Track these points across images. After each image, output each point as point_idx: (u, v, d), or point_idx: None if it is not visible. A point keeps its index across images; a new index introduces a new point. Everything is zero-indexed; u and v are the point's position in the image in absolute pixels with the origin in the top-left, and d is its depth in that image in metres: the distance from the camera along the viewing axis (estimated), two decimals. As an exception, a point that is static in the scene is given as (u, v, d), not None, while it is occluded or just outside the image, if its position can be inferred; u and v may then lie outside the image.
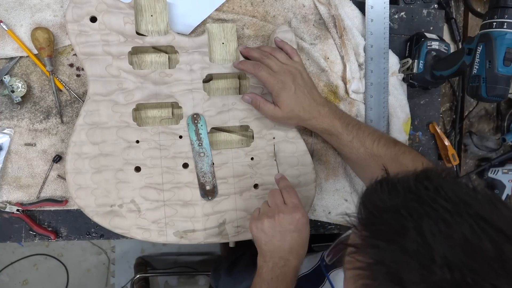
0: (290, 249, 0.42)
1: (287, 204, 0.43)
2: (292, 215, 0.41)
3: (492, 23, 0.43)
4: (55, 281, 1.15)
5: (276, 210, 0.42)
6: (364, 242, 0.25)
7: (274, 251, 0.42)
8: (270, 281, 0.42)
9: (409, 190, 0.25)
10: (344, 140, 0.47)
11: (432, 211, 0.23)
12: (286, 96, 0.45)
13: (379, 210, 0.25)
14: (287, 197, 0.43)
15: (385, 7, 0.53)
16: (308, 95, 0.46)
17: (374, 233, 0.24)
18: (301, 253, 0.43)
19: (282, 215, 0.41)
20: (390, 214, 0.24)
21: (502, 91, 0.43)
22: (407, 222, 0.23)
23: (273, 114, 0.46)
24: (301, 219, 0.42)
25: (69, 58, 0.49)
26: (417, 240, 0.22)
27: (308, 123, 0.47)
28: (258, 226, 0.42)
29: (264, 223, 0.42)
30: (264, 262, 0.42)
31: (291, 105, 0.45)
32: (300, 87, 0.46)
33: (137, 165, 0.47)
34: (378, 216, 0.25)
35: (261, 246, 0.43)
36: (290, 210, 0.42)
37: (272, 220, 0.41)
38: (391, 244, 0.23)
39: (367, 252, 0.24)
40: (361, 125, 0.48)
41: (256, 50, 0.48)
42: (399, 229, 0.23)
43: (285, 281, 0.42)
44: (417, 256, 0.22)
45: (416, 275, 0.22)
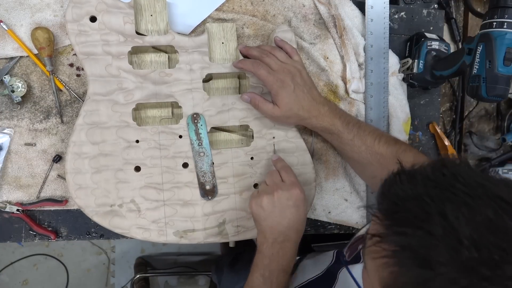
0: (288, 224, 0.42)
1: (285, 182, 0.44)
2: (290, 191, 0.42)
3: (492, 23, 0.43)
4: (55, 281, 1.15)
5: (275, 187, 0.43)
6: (389, 230, 0.25)
7: (274, 227, 0.43)
8: (271, 256, 0.42)
9: (428, 179, 0.25)
10: (345, 138, 0.47)
11: (453, 196, 0.24)
12: (285, 95, 0.45)
13: (401, 199, 0.25)
14: (285, 176, 0.44)
15: (385, 7, 0.53)
16: (307, 94, 0.46)
17: (398, 221, 0.25)
18: (299, 229, 0.43)
19: (280, 191, 0.42)
20: (413, 202, 0.24)
21: (502, 91, 0.43)
22: (430, 208, 0.24)
23: (272, 113, 0.46)
24: (299, 194, 0.43)
25: (69, 58, 0.49)
26: (442, 224, 0.23)
27: (307, 122, 0.47)
28: (258, 202, 0.43)
29: (263, 199, 0.43)
30: (264, 239, 0.43)
31: (290, 104, 0.45)
32: (300, 86, 0.46)
33: (137, 165, 0.47)
34: (401, 204, 0.25)
35: (261, 223, 0.43)
36: (288, 187, 0.43)
37: (270, 196, 0.42)
38: (417, 229, 0.23)
39: (392, 240, 0.25)
40: (361, 124, 0.48)
41: (256, 49, 0.48)
42: (423, 215, 0.24)
43: (285, 255, 0.42)
44: (444, 239, 0.22)
45: (444, 256, 0.22)
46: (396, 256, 0.24)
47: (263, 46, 0.48)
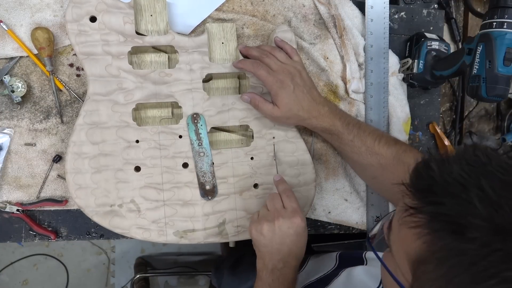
0: (289, 252, 0.42)
1: (286, 209, 0.43)
2: (291, 220, 0.42)
3: (492, 23, 0.43)
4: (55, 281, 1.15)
5: (276, 214, 0.42)
6: (424, 201, 0.25)
7: (273, 254, 0.42)
8: (271, 283, 0.42)
9: (463, 158, 0.26)
10: (345, 139, 0.47)
11: (488, 173, 0.25)
12: (285, 96, 0.45)
13: (437, 175, 0.25)
14: (286, 201, 0.43)
15: (385, 7, 0.53)
16: (307, 94, 0.46)
17: (434, 193, 0.25)
18: (299, 255, 0.43)
19: (282, 219, 0.42)
20: (449, 176, 0.25)
21: (502, 91, 0.43)
22: (466, 181, 0.24)
23: (271, 114, 0.46)
24: (300, 223, 0.42)
25: (69, 58, 0.49)
26: (478, 194, 0.23)
27: (307, 123, 0.47)
28: (258, 229, 0.42)
29: (264, 226, 0.42)
30: (264, 265, 0.43)
31: (289, 105, 0.45)
32: (299, 86, 0.45)
33: (137, 165, 0.47)
34: (437, 179, 0.25)
35: (260, 249, 0.43)
36: (289, 215, 0.42)
37: (271, 224, 0.42)
38: (453, 198, 0.24)
39: (427, 210, 0.25)
40: (361, 124, 0.48)
41: (256, 49, 0.48)
42: (460, 187, 0.24)
43: (286, 281, 0.42)
44: (480, 205, 0.23)
45: (479, 221, 0.22)
46: (430, 225, 0.24)
47: (263, 46, 0.48)
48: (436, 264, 0.24)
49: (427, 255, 0.24)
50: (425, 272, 0.25)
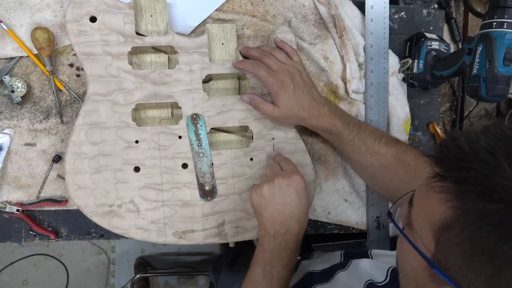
0: (290, 213, 0.41)
1: (284, 170, 0.43)
2: (290, 178, 0.42)
3: (492, 23, 0.43)
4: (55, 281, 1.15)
5: (275, 175, 0.42)
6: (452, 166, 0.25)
7: (275, 217, 0.41)
8: (272, 250, 0.41)
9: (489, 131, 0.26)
10: (345, 139, 0.47)
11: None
12: (285, 96, 0.45)
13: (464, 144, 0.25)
14: (284, 165, 0.44)
15: (385, 7, 0.53)
16: (307, 94, 0.46)
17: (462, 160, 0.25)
18: (302, 218, 0.42)
19: (281, 178, 0.42)
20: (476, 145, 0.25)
21: (502, 91, 0.43)
22: (494, 149, 0.24)
23: (271, 114, 0.46)
24: (299, 180, 0.42)
25: (69, 58, 0.49)
26: (507, 159, 0.23)
27: (308, 123, 0.47)
28: (258, 192, 0.42)
29: (263, 188, 0.42)
30: (265, 231, 0.42)
31: (290, 105, 0.45)
32: (299, 86, 0.45)
33: (136, 165, 0.47)
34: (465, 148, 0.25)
35: (262, 213, 0.42)
36: (288, 174, 0.42)
37: (271, 183, 0.42)
38: (482, 163, 0.24)
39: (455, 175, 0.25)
40: (362, 124, 0.48)
41: (256, 49, 0.48)
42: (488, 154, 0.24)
43: (288, 248, 0.41)
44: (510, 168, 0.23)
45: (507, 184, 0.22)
46: (458, 189, 0.24)
47: (263, 47, 0.48)
48: (462, 227, 0.24)
49: (453, 219, 0.24)
50: (449, 238, 0.25)
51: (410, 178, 0.46)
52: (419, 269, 0.27)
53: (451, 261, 0.25)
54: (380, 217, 0.55)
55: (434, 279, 0.26)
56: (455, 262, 0.24)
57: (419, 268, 0.27)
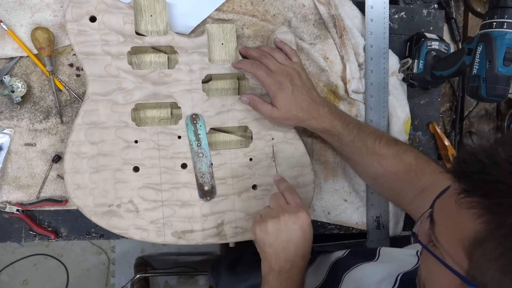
0: (296, 250, 0.41)
1: (290, 204, 0.42)
2: (296, 215, 0.40)
3: (492, 23, 0.43)
4: (55, 281, 1.16)
5: (280, 211, 0.41)
6: (478, 181, 0.25)
7: (279, 254, 0.40)
8: (279, 287, 0.40)
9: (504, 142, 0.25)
10: (345, 140, 0.47)
11: None
12: (283, 97, 0.44)
13: (484, 158, 0.25)
14: (290, 198, 0.42)
15: (385, 7, 0.53)
16: (306, 95, 0.46)
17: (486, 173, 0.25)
18: (306, 254, 0.42)
19: (287, 214, 0.40)
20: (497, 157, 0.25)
21: (502, 91, 0.43)
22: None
23: (270, 115, 0.46)
24: (306, 218, 0.41)
25: (69, 58, 0.49)
26: None
27: (307, 124, 0.47)
28: (262, 228, 0.41)
29: (268, 224, 0.40)
30: (270, 268, 0.41)
31: (288, 106, 0.45)
32: (298, 87, 0.45)
33: (135, 165, 0.47)
34: (487, 161, 0.25)
35: (265, 250, 0.41)
36: (294, 210, 0.41)
37: (276, 220, 0.40)
38: (509, 175, 0.23)
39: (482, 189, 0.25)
40: (361, 125, 0.48)
41: (255, 49, 0.48)
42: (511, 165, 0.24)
43: (294, 283, 0.40)
44: None
45: None
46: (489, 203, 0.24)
47: (262, 47, 0.48)
48: (498, 242, 0.24)
49: (486, 234, 0.24)
50: (484, 253, 0.24)
51: (411, 178, 0.46)
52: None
53: (488, 277, 0.24)
54: (380, 217, 0.55)
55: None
56: (492, 277, 0.24)
57: (450, 286, 0.27)
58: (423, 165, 0.46)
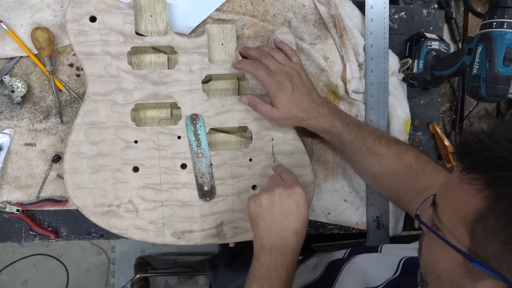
0: (289, 225, 0.40)
1: (285, 181, 0.42)
2: (290, 189, 0.40)
3: (492, 23, 0.43)
4: (55, 281, 1.16)
5: (275, 186, 0.41)
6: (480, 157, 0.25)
7: (272, 228, 0.40)
8: (269, 265, 0.39)
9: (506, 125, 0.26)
10: (346, 139, 0.47)
11: None
12: (283, 97, 0.44)
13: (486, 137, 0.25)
14: (286, 176, 0.43)
15: (384, 7, 0.53)
16: (306, 95, 0.46)
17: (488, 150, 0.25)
18: (300, 232, 0.40)
19: (281, 188, 0.41)
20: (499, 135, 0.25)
21: (502, 91, 0.43)
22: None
23: (270, 115, 0.46)
24: (301, 193, 0.41)
25: (69, 58, 0.50)
26: None
27: (307, 124, 0.47)
28: (256, 201, 0.41)
29: (262, 197, 0.41)
30: (261, 245, 0.40)
31: (288, 106, 0.45)
32: (298, 87, 0.45)
33: (135, 165, 0.47)
34: (488, 140, 0.25)
35: (258, 223, 0.41)
36: (289, 185, 0.41)
37: (270, 192, 0.40)
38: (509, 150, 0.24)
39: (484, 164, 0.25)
40: (361, 125, 0.48)
41: (255, 49, 0.48)
42: None
43: (285, 264, 0.39)
44: None
45: None
46: (490, 178, 0.24)
47: (262, 47, 0.48)
48: (498, 215, 0.24)
49: (487, 209, 0.24)
50: (485, 228, 0.24)
51: (411, 178, 0.46)
52: (454, 267, 0.27)
53: (490, 251, 0.24)
54: (380, 217, 0.55)
55: (472, 275, 0.26)
56: (494, 251, 0.24)
57: (453, 266, 0.27)
58: (424, 165, 0.46)
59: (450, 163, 0.58)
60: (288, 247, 0.40)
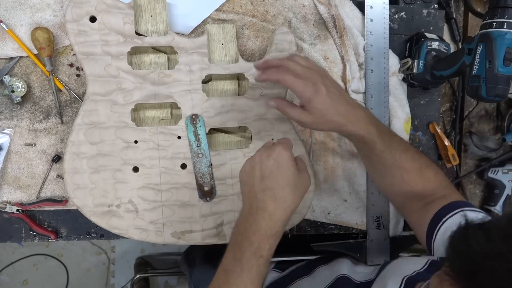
0: (266, 186, 0.36)
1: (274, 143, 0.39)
2: (271, 148, 0.38)
3: (492, 23, 0.43)
4: (55, 281, 1.16)
5: (258, 150, 0.39)
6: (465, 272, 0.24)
7: (251, 192, 0.37)
8: (243, 232, 0.36)
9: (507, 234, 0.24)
10: (377, 150, 0.43)
11: None
12: (318, 100, 0.40)
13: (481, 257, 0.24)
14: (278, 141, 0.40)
15: (384, 7, 0.53)
16: (341, 97, 0.41)
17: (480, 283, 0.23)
18: (279, 196, 0.36)
19: (263, 149, 0.38)
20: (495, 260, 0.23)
21: (502, 91, 0.43)
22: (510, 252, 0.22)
23: (300, 119, 0.41)
24: (281, 152, 0.37)
25: (69, 58, 0.50)
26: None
27: (343, 129, 0.42)
28: (241, 169, 0.39)
29: (246, 163, 0.39)
30: (242, 210, 0.38)
31: (323, 110, 0.40)
32: (330, 88, 0.41)
33: (135, 165, 0.47)
34: (481, 263, 0.23)
35: (242, 189, 0.39)
36: (270, 146, 0.38)
37: (252, 157, 0.38)
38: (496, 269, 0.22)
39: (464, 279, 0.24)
40: (392, 134, 0.45)
41: (274, 60, 0.44)
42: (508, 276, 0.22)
43: (258, 230, 0.35)
44: None
45: None
46: None
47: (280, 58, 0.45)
48: None
49: None
50: None
51: (425, 194, 0.45)
52: None
53: None
54: (380, 217, 0.55)
55: None
56: None
57: None
58: (441, 182, 0.45)
59: (450, 163, 0.58)
60: (262, 212, 0.36)
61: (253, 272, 0.35)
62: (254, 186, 0.37)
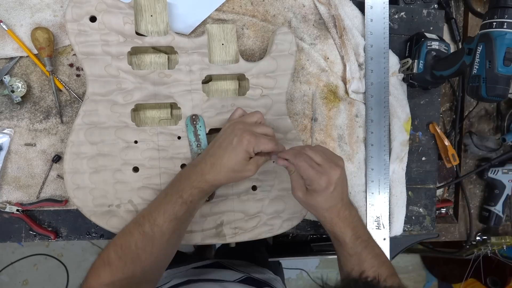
0: (215, 153, 0.42)
1: None
2: (241, 128, 0.42)
3: (492, 23, 0.43)
4: (55, 281, 1.16)
5: None
6: None
7: (208, 149, 0.43)
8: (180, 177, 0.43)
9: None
10: (346, 252, 0.43)
11: None
12: (322, 195, 0.41)
13: None
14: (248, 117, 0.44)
15: (384, 7, 0.53)
16: (340, 195, 0.42)
17: None
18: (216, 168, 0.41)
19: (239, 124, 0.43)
20: None
21: (502, 91, 0.43)
22: None
23: (296, 197, 0.43)
24: (243, 137, 0.41)
25: (69, 58, 0.50)
26: None
27: (321, 220, 0.43)
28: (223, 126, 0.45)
29: (226, 125, 0.44)
30: None
31: (320, 203, 0.41)
32: (338, 187, 0.41)
33: (135, 166, 0.47)
34: None
35: None
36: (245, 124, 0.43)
37: (230, 124, 0.43)
38: None
39: None
40: (369, 244, 0.43)
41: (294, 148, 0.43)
42: None
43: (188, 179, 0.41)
44: None
45: None
46: None
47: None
48: None
49: None
50: None
51: None
52: None
53: None
54: (380, 217, 0.55)
55: None
56: None
57: None
58: None
59: (450, 163, 0.58)
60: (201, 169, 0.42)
61: (170, 205, 0.41)
62: (211, 147, 0.43)
